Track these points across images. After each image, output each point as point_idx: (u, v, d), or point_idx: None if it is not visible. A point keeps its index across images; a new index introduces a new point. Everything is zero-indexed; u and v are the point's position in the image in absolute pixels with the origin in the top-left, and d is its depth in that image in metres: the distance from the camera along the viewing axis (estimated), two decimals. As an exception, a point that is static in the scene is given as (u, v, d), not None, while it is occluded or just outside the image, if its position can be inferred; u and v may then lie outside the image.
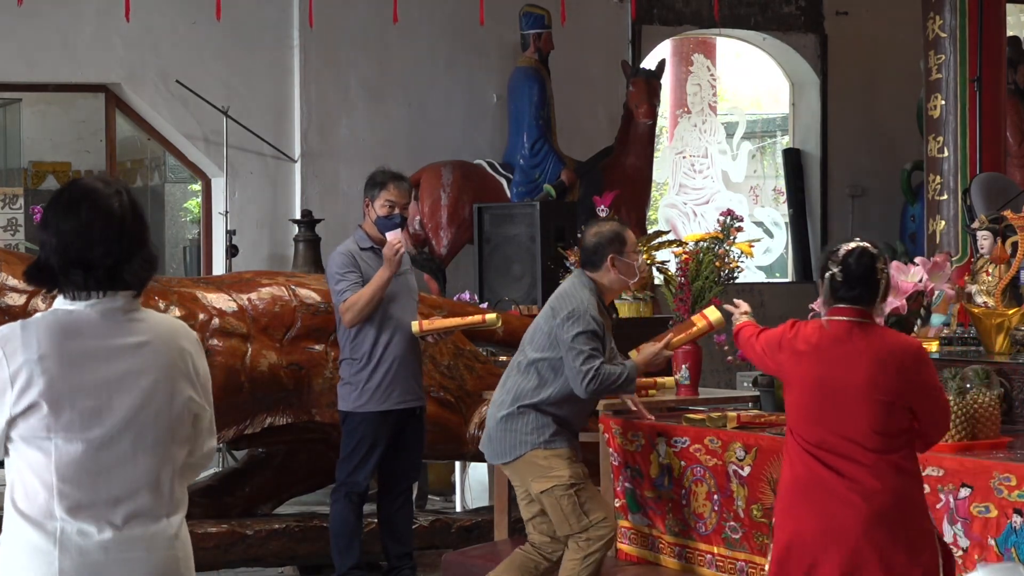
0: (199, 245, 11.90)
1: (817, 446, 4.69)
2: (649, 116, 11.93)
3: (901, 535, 4.64)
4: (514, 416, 6.28)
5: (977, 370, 5.89)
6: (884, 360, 4.65)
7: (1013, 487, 5.22)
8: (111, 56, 11.01)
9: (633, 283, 6.54)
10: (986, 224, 8.10)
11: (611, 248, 6.32)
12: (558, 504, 6.23)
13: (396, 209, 7.07)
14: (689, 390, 7.11)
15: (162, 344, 3.39)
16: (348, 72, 11.61)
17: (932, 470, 5.47)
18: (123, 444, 3.31)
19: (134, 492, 3.31)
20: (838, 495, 4.64)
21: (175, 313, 7.55)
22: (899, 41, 13.29)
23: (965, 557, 5.33)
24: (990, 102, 10.47)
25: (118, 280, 3.33)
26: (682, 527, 6.60)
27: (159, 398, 3.37)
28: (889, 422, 4.64)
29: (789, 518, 4.77)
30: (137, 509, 3.31)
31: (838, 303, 4.73)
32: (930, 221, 10.75)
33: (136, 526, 3.31)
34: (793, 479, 4.77)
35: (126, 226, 3.34)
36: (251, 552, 7.68)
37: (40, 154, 13.67)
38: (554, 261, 9.49)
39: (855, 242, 4.77)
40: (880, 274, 4.73)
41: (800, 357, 4.78)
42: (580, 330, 6.19)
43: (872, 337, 4.71)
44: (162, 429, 3.37)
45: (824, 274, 4.75)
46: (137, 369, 3.34)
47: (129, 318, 3.36)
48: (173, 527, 3.37)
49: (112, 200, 3.34)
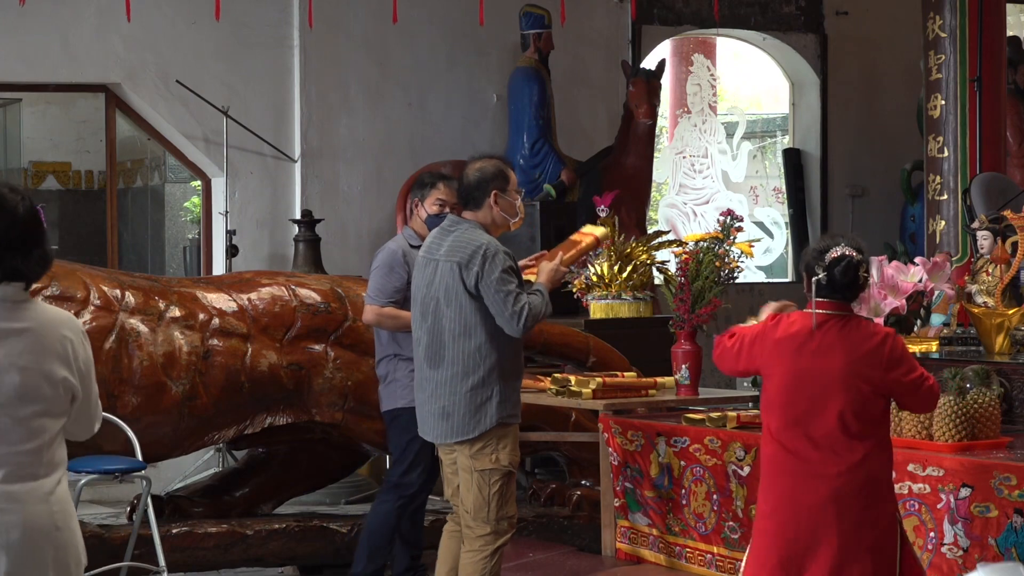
0: (199, 245, 11.89)
1: (793, 431, 4.93)
2: (649, 116, 11.93)
3: (864, 519, 4.85)
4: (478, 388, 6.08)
5: (977, 370, 5.90)
6: (857, 350, 4.91)
7: (1013, 487, 5.22)
8: (111, 56, 11.00)
9: (514, 223, 6.34)
10: (986, 224, 8.10)
11: (494, 184, 6.25)
12: (487, 487, 6.11)
13: (446, 208, 7.09)
14: (689, 390, 7.11)
15: (43, 330, 3.86)
16: (348, 72, 11.60)
17: (932, 470, 5.47)
18: (1, 416, 3.79)
19: (11, 454, 3.80)
20: (810, 475, 4.88)
21: (175, 313, 7.56)
22: (899, 41, 13.29)
23: (965, 557, 5.34)
24: (990, 102, 10.46)
25: (16, 272, 3.83)
26: (682, 527, 6.60)
27: (35, 377, 3.83)
28: (862, 410, 4.88)
29: (763, 499, 5.04)
30: (14, 470, 3.80)
31: (820, 298, 4.99)
32: (930, 221, 10.75)
33: (13, 484, 3.79)
34: (769, 459, 5.02)
35: (26, 227, 3.85)
36: (251, 552, 7.67)
37: (40, 154, 13.66)
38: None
39: (842, 248, 4.98)
40: (863, 280, 5.02)
41: (780, 347, 5.02)
42: (500, 270, 6.03)
43: (848, 328, 4.96)
44: (38, 404, 3.84)
45: (810, 274, 5.01)
46: (18, 350, 3.81)
47: (16, 306, 3.85)
48: (48, 486, 3.85)
49: (17, 205, 3.83)
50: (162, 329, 7.50)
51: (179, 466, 9.79)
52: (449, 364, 6.10)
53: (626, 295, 8.60)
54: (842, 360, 4.90)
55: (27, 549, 3.79)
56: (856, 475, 4.86)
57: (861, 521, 4.86)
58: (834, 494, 4.86)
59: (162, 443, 7.53)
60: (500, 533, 6.16)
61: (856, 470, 4.86)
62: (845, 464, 4.86)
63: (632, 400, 7.09)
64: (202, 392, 7.49)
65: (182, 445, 7.69)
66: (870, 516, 4.87)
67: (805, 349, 4.96)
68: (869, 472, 4.88)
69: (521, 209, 6.36)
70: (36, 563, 3.81)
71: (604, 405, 6.99)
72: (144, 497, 7.14)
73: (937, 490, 5.45)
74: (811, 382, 4.92)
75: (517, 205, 6.31)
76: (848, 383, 4.87)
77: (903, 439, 5.75)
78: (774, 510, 5.00)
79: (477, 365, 6.07)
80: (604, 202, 8.79)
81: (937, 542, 5.45)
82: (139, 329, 7.46)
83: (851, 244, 5.01)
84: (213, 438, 7.74)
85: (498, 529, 6.14)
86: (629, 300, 8.66)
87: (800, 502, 4.91)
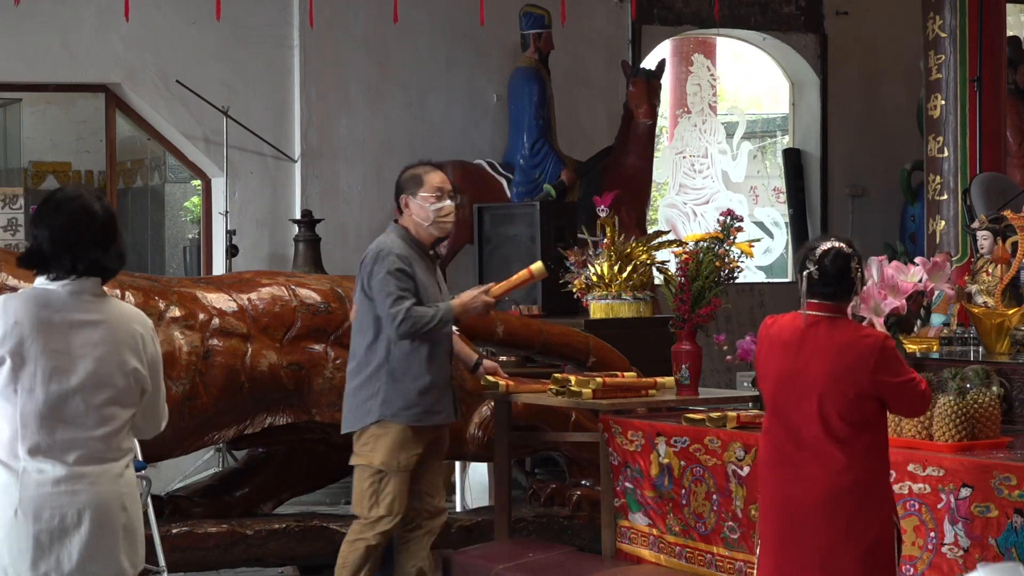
0: (199, 245, 11.90)
1: (782, 431, 4.97)
2: (649, 116, 11.93)
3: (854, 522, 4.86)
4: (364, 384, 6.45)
5: (977, 370, 5.89)
6: (846, 353, 4.91)
7: (1013, 487, 5.22)
8: (111, 56, 11.00)
9: (433, 227, 6.45)
10: (986, 224, 8.10)
11: (406, 190, 6.47)
12: (360, 482, 6.46)
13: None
14: (689, 390, 7.10)
15: (116, 323, 4.17)
16: (348, 72, 11.61)
17: (932, 470, 5.47)
18: (77, 400, 4.08)
19: (84, 439, 4.09)
20: (798, 474, 4.91)
21: (175, 313, 7.56)
22: (899, 41, 13.29)
23: (966, 557, 5.34)
24: (990, 102, 10.47)
25: (97, 267, 4.15)
26: (682, 527, 6.60)
27: (109, 366, 4.13)
28: (851, 412, 4.89)
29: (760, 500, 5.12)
30: (86, 453, 4.08)
31: (813, 298, 5.00)
32: (930, 221, 10.75)
33: (85, 466, 4.07)
34: (762, 460, 5.09)
35: (105, 224, 4.17)
36: (251, 552, 7.67)
37: (40, 154, 13.67)
38: (554, 261, 9.48)
39: (831, 242, 5.02)
40: (855, 272, 5.00)
41: (773, 348, 5.05)
42: (385, 271, 6.32)
43: (838, 331, 4.97)
44: (110, 391, 4.14)
45: (802, 272, 5.02)
46: (93, 341, 4.11)
47: (92, 299, 4.15)
48: (117, 469, 4.15)
49: (96, 205, 4.16)
50: (162, 329, 7.50)
51: (179, 466, 9.79)
52: (351, 359, 6.54)
53: (626, 295, 8.60)
54: (830, 362, 4.90)
55: (100, 526, 4.07)
56: (844, 478, 4.87)
57: (851, 524, 4.87)
58: (823, 497, 4.88)
59: (162, 443, 7.50)
60: (371, 529, 6.43)
61: (844, 473, 4.87)
62: (832, 467, 4.87)
63: (632, 400, 7.08)
64: (202, 392, 7.49)
65: (182, 445, 7.69)
66: (861, 520, 4.87)
67: (795, 350, 4.98)
68: (858, 476, 4.88)
69: (440, 213, 6.43)
70: (109, 541, 4.09)
71: (604, 405, 6.99)
72: (144, 497, 7.13)
73: (937, 490, 5.45)
74: (797, 383, 4.94)
75: (430, 210, 6.39)
76: (834, 386, 4.88)
77: (903, 439, 5.75)
78: (769, 512, 5.04)
79: (367, 362, 6.42)
80: (604, 202, 8.79)
81: (937, 542, 5.45)
82: (139, 329, 7.46)
83: (841, 240, 5.05)
84: (213, 438, 7.74)
85: (369, 523, 6.42)
86: (629, 300, 8.66)
87: (790, 501, 4.95)
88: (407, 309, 6.30)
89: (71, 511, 4.04)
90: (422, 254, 6.50)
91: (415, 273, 6.40)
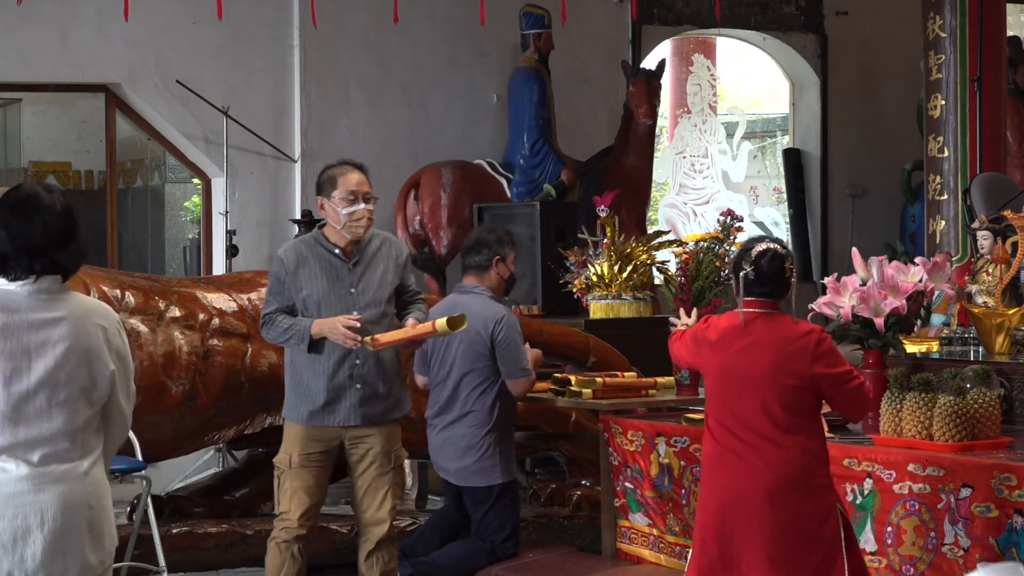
0: (199, 245, 11.90)
1: (727, 425, 5.11)
2: (649, 116, 11.93)
3: (800, 510, 5.01)
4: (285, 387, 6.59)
5: (977, 370, 5.89)
6: (785, 346, 5.09)
7: (1014, 487, 5.22)
8: (111, 56, 11.00)
9: (346, 229, 6.35)
10: (986, 224, 8.11)
11: (322, 190, 6.45)
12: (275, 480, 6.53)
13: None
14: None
15: (77, 320, 4.17)
16: (348, 72, 11.60)
17: (932, 470, 5.47)
18: (40, 399, 4.10)
19: (49, 438, 4.10)
20: (744, 467, 5.05)
21: (175, 313, 7.56)
22: (899, 41, 13.29)
23: (966, 557, 5.34)
24: (990, 102, 10.47)
25: (56, 265, 4.15)
26: (682, 527, 6.60)
27: (71, 363, 4.13)
28: (792, 403, 5.05)
29: (703, 494, 5.23)
30: (51, 452, 4.10)
31: (749, 296, 5.19)
32: (930, 221, 10.75)
33: (50, 464, 4.09)
34: (708, 455, 5.21)
35: (64, 223, 4.16)
36: (251, 552, 7.67)
37: (40, 154, 13.66)
38: (554, 261, 9.49)
39: (766, 243, 5.24)
40: (789, 272, 5.22)
41: (713, 346, 5.23)
42: (270, 272, 6.48)
43: (776, 325, 5.15)
44: (73, 388, 4.14)
45: (738, 273, 5.22)
46: (54, 339, 4.12)
47: (52, 298, 4.16)
48: (83, 467, 4.15)
49: (54, 203, 4.15)
50: (162, 329, 7.50)
51: (179, 466, 9.78)
52: None
53: (626, 295, 8.60)
54: (770, 355, 5.08)
55: (63, 525, 4.08)
56: (789, 468, 5.02)
57: (798, 513, 5.01)
58: (768, 487, 5.01)
59: (162, 443, 7.53)
60: (277, 526, 6.46)
61: (789, 463, 5.02)
62: (777, 458, 5.02)
63: (632, 400, 7.08)
64: (202, 392, 7.49)
65: (182, 445, 7.69)
66: (807, 508, 5.02)
67: (734, 346, 5.15)
68: (803, 464, 5.04)
69: (352, 217, 6.35)
70: (72, 538, 4.11)
71: (604, 405, 6.99)
72: (144, 497, 7.14)
73: (937, 490, 5.45)
74: (740, 377, 5.10)
75: (342, 213, 6.33)
76: (775, 378, 5.05)
77: (903, 439, 5.75)
78: (712, 504, 5.14)
79: (286, 362, 6.55)
80: (604, 202, 8.79)
81: (937, 542, 5.45)
82: (139, 329, 7.46)
83: (775, 241, 5.26)
84: (213, 438, 7.74)
85: (277, 520, 6.46)
86: (629, 300, 8.67)
87: (737, 495, 5.06)
88: (266, 315, 6.41)
89: (34, 510, 4.07)
90: (328, 254, 6.39)
91: (298, 274, 6.35)
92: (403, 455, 6.60)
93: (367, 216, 6.36)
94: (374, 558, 6.47)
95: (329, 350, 6.33)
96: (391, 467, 6.46)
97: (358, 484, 6.46)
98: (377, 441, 6.43)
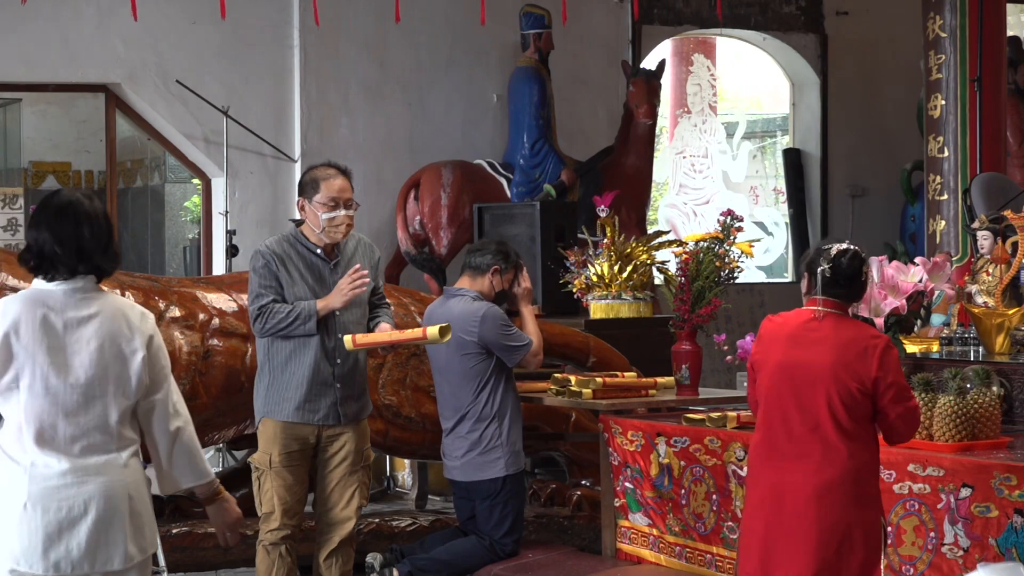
0: (199, 245, 11.90)
1: (780, 423, 4.98)
2: (649, 116, 11.93)
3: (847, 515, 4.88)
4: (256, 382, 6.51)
5: (977, 370, 5.89)
6: (853, 346, 4.94)
7: (1014, 487, 5.22)
8: (111, 56, 11.00)
9: (320, 232, 6.34)
10: (986, 224, 8.10)
11: (304, 192, 6.41)
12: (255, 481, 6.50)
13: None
14: (689, 390, 7.10)
15: (109, 317, 4.33)
16: (348, 72, 11.61)
17: (932, 470, 5.47)
18: (77, 394, 4.25)
19: (88, 431, 4.26)
20: (793, 466, 4.92)
21: (175, 313, 7.56)
22: (899, 41, 13.30)
23: (966, 557, 5.34)
24: (990, 102, 10.47)
25: (97, 268, 4.34)
26: (682, 527, 6.60)
27: (107, 358, 4.30)
28: (852, 406, 4.90)
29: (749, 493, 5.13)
30: (90, 444, 4.26)
31: (823, 295, 5.03)
32: (930, 221, 10.75)
33: (90, 457, 4.25)
34: (757, 453, 5.08)
35: (106, 227, 4.37)
36: (251, 552, 7.63)
37: (40, 154, 13.67)
38: (554, 261, 9.48)
39: (845, 243, 5.07)
40: (865, 276, 5.08)
41: (773, 339, 5.08)
42: (251, 270, 6.37)
43: (845, 327, 5.01)
44: (110, 383, 4.30)
45: (815, 269, 5.03)
46: (89, 335, 4.29)
47: (87, 297, 4.32)
48: (122, 458, 4.31)
49: (94, 210, 4.35)
50: (162, 329, 7.49)
51: (179, 466, 9.77)
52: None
53: (626, 295, 8.60)
54: (834, 354, 4.93)
55: (106, 516, 4.24)
56: (837, 470, 4.89)
57: (845, 518, 4.88)
58: (815, 489, 4.89)
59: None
60: (263, 528, 6.44)
61: (837, 465, 4.89)
62: (830, 459, 4.89)
63: (632, 400, 7.08)
64: (202, 392, 7.49)
65: (182, 445, 7.68)
66: (854, 513, 4.90)
67: (799, 341, 5.00)
68: (855, 470, 4.90)
69: (331, 222, 6.34)
70: (114, 528, 4.26)
71: (604, 405, 6.99)
72: (144, 497, 7.14)
73: (937, 490, 5.45)
74: (800, 374, 4.95)
75: (322, 218, 6.32)
76: (838, 377, 4.90)
77: (903, 439, 5.74)
78: (759, 504, 5.03)
79: (261, 362, 6.47)
80: (604, 202, 8.79)
81: (937, 542, 5.45)
82: (139, 329, 7.46)
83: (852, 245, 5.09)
84: (213, 438, 7.73)
85: (263, 522, 6.44)
86: (629, 300, 8.66)
87: (784, 495, 4.94)
88: (262, 307, 6.30)
89: (78, 502, 4.21)
90: (311, 254, 6.39)
91: (283, 271, 6.33)
92: (371, 455, 6.65)
93: (347, 223, 6.35)
94: (334, 558, 6.48)
95: (310, 350, 6.35)
96: (361, 465, 6.49)
97: (327, 480, 6.46)
98: (351, 439, 6.47)
